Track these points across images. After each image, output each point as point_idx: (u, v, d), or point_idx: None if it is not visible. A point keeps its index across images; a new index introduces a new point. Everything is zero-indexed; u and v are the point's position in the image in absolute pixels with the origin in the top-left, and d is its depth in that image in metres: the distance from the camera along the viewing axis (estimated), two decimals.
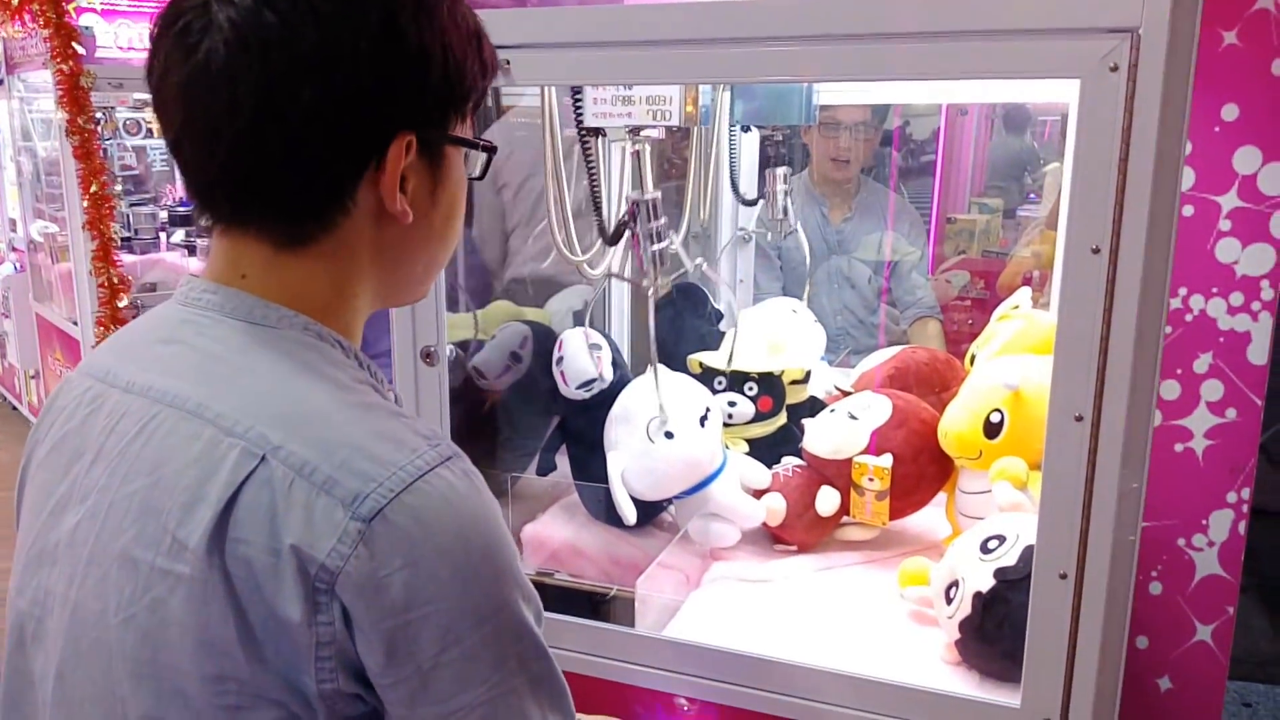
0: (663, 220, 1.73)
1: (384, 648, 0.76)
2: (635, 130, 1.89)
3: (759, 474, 1.82)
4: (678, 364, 2.09)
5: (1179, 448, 2.04)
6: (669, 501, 1.84)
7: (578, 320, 2.23)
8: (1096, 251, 1.16)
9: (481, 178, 0.94)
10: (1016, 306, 1.99)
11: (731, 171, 2.37)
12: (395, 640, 0.76)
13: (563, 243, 1.85)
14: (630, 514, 1.68)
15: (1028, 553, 1.37)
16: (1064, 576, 1.22)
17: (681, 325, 2.25)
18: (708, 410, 1.78)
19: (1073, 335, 1.19)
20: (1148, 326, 1.16)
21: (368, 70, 0.80)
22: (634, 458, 1.71)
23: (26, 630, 0.88)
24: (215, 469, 0.77)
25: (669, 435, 1.71)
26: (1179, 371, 2.02)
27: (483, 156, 0.93)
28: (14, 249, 5.46)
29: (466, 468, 0.81)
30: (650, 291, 1.74)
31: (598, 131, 1.92)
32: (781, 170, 2.33)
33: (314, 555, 0.74)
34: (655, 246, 1.73)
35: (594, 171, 1.89)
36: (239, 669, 0.76)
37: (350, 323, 0.91)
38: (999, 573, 1.39)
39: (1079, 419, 1.19)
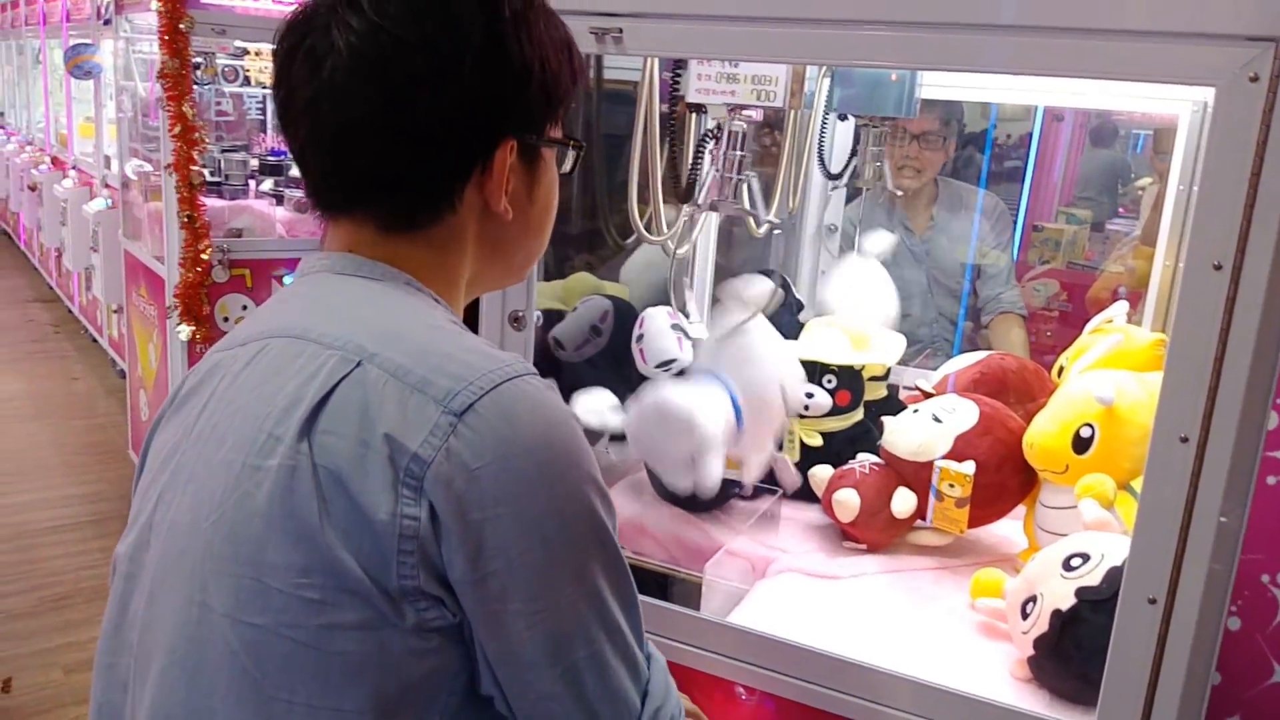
0: (745, 154, 1.70)
1: (473, 542, 0.77)
2: (735, 109, 1.86)
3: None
4: None
5: (1271, 480, 1.96)
6: (737, 486, 1.82)
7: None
8: (1218, 268, 1.11)
9: (571, 173, 1.01)
10: (1110, 320, 1.94)
11: (821, 151, 2.33)
12: (484, 534, 0.77)
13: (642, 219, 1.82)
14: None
15: (1112, 574, 1.33)
16: (1153, 601, 1.18)
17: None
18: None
19: (1185, 353, 1.14)
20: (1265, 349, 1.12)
21: (474, 85, 0.86)
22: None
23: (120, 571, 0.91)
24: (315, 374, 0.81)
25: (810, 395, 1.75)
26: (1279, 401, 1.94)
27: (573, 153, 1.00)
28: (107, 185, 5.58)
29: (550, 383, 0.85)
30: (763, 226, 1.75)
31: (698, 108, 1.89)
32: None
33: (406, 445, 0.77)
34: (736, 176, 1.70)
35: (680, 148, 1.87)
36: (322, 558, 0.77)
37: (447, 298, 0.95)
38: (1081, 591, 1.35)
39: (1184, 440, 1.14)
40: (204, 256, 3.60)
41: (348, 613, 0.77)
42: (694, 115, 1.90)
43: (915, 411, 1.77)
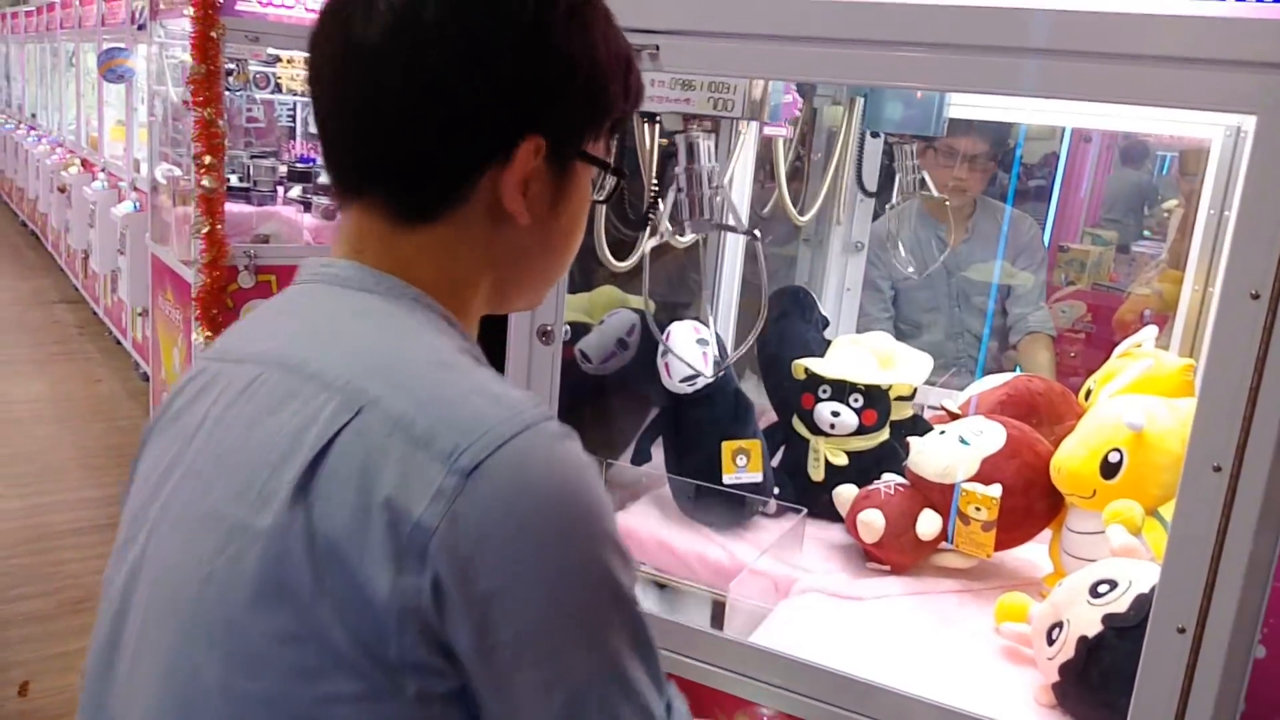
0: (713, 165, 1.61)
1: (479, 613, 0.72)
2: (692, 119, 1.77)
3: None
4: (782, 368, 2.06)
5: None
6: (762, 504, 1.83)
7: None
8: (1256, 297, 1.10)
9: (606, 202, 0.95)
10: (1139, 345, 1.92)
11: (859, 167, 2.33)
12: (491, 605, 0.72)
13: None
14: None
15: (1139, 601, 1.32)
16: (1182, 631, 1.17)
17: (787, 330, 2.21)
18: None
19: (1220, 381, 1.13)
20: None
21: (510, 66, 0.82)
22: None
23: (110, 600, 0.88)
24: (312, 420, 0.77)
25: None
26: None
27: (611, 181, 0.95)
28: (136, 189, 5.63)
29: (566, 429, 0.80)
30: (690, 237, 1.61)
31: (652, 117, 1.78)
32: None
33: (409, 511, 0.72)
34: (698, 191, 1.59)
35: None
36: (314, 630, 0.73)
37: (458, 312, 0.91)
38: (1108, 619, 1.33)
39: (1217, 469, 1.13)
40: (221, 261, 3.63)
41: (343, 684, 0.73)
42: (649, 125, 1.74)
43: (942, 433, 1.77)
